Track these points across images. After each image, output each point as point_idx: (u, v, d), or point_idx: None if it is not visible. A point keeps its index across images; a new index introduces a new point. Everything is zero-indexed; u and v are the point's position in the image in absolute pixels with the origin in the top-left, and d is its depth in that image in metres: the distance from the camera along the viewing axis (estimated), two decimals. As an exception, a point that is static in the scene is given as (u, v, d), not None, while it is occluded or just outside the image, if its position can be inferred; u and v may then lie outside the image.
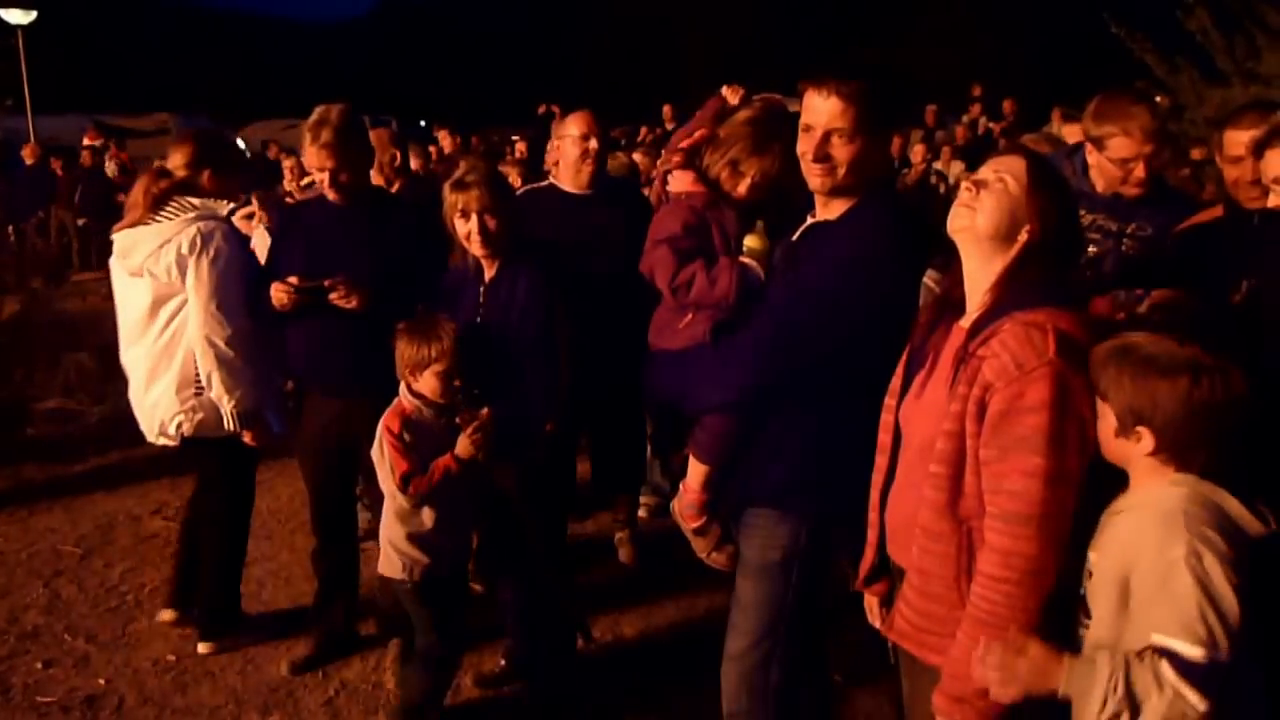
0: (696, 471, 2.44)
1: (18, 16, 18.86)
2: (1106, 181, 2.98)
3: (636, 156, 6.27)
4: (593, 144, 3.75)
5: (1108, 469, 1.81)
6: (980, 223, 1.86)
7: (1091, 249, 2.97)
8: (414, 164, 6.09)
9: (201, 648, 3.69)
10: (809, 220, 2.32)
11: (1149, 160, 2.87)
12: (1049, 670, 1.66)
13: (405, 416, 2.93)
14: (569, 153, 3.80)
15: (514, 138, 13.28)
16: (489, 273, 3.03)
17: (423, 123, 16.77)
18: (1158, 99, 5.81)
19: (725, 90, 2.70)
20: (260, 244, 4.31)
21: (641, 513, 4.72)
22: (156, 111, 20.95)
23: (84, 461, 5.73)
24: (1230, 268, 2.44)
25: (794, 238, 2.34)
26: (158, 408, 3.46)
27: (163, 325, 3.41)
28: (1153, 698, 1.59)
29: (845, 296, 2.14)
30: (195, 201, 3.38)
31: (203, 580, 3.73)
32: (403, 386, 2.96)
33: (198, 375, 3.38)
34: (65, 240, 12.89)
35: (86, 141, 14.18)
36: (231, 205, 3.53)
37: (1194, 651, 1.60)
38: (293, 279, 3.21)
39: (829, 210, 2.26)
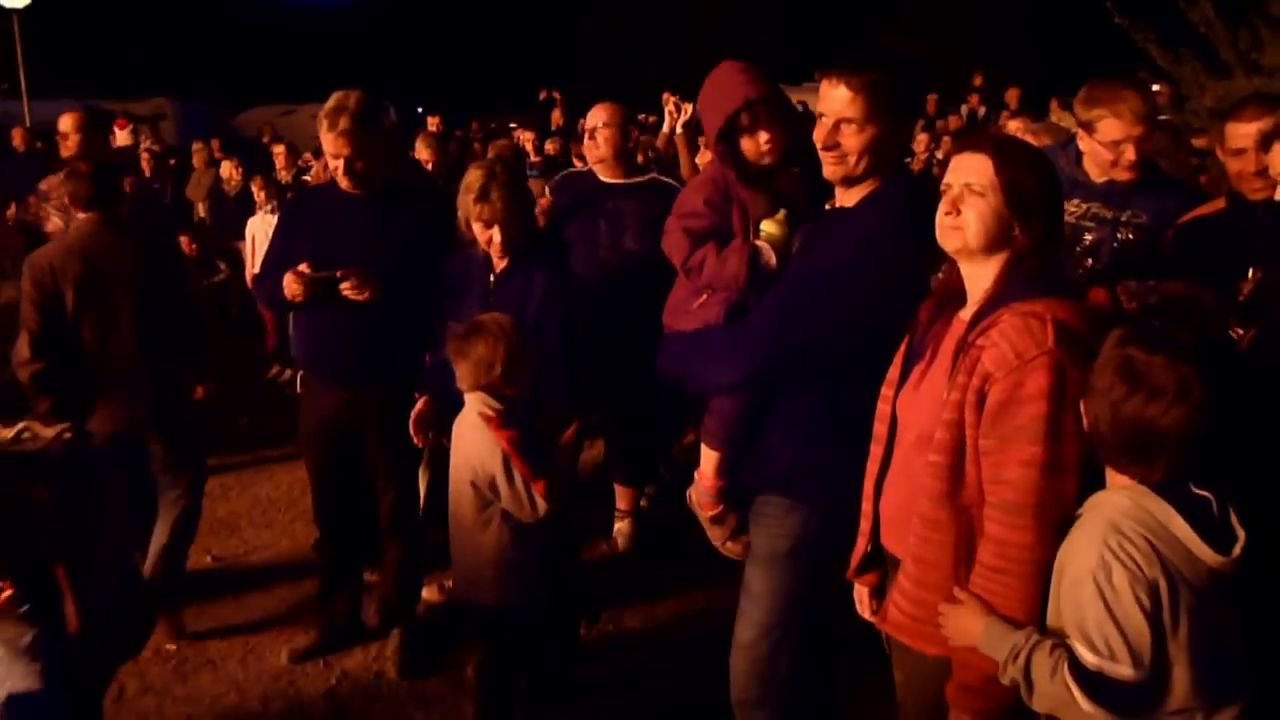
0: (709, 458, 2.44)
1: (13, 0, 18.73)
2: (1099, 167, 2.99)
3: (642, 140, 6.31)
4: (618, 133, 3.87)
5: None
6: (970, 240, 1.86)
7: (1087, 237, 2.98)
8: (424, 154, 6.09)
9: None
10: (828, 208, 2.34)
11: (1139, 142, 2.88)
12: (971, 624, 1.77)
13: (510, 426, 2.64)
14: (609, 142, 3.89)
15: (512, 125, 13.22)
16: (499, 263, 3.03)
17: (420, 109, 16.71)
18: (1156, 88, 5.80)
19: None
20: (260, 229, 4.34)
21: (642, 501, 4.71)
22: (153, 96, 20.75)
23: (83, 448, 5.70)
24: (1235, 260, 2.44)
25: (812, 225, 2.36)
26: None
27: None
28: (1044, 684, 1.67)
29: (855, 275, 2.13)
30: None
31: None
32: (483, 398, 2.64)
33: None
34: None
35: (119, 132, 13.92)
36: None
37: (1090, 658, 1.64)
38: (303, 268, 3.15)
39: (847, 198, 2.27)
